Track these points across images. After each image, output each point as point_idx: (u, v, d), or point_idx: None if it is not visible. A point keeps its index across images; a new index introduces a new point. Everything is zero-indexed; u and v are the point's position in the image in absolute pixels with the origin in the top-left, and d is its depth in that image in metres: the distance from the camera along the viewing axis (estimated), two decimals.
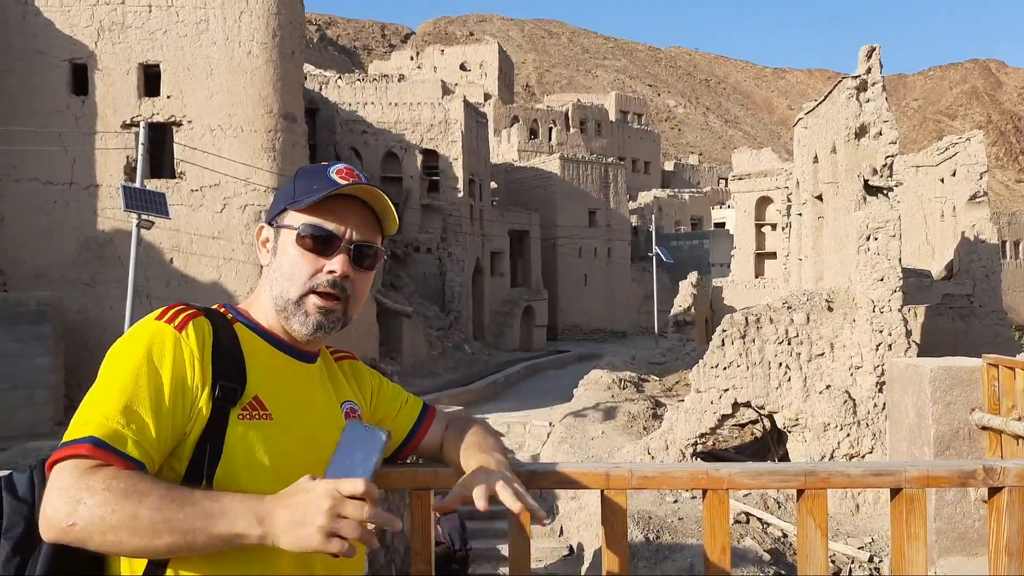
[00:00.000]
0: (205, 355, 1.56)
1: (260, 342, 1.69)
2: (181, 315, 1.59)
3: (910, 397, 5.64)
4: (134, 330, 1.57)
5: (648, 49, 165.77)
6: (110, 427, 1.42)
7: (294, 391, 1.70)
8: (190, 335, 1.56)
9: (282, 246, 1.70)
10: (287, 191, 1.72)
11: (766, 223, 32.65)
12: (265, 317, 1.73)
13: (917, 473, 2.03)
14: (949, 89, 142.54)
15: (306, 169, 1.75)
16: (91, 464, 1.38)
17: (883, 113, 13.38)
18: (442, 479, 2.11)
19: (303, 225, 1.67)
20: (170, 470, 1.52)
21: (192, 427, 1.52)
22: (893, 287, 12.48)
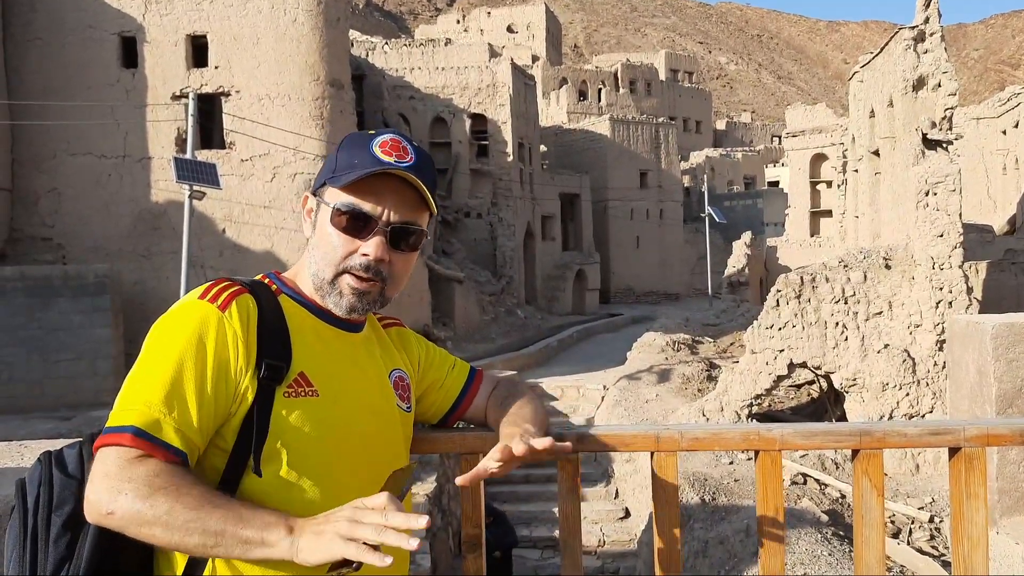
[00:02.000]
0: (250, 334, 1.54)
1: (305, 314, 1.66)
2: (225, 293, 1.56)
3: (971, 355, 5.49)
4: (177, 310, 1.54)
5: (698, 6, 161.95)
6: (152, 415, 1.42)
7: (340, 363, 1.68)
8: (233, 315, 1.53)
9: (320, 222, 1.65)
10: (331, 162, 1.66)
11: (821, 181, 31.88)
12: (309, 288, 1.69)
13: (976, 432, 1.97)
14: (1011, 38, 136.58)
15: (352, 138, 1.68)
16: (135, 454, 1.39)
17: (942, 64, 12.89)
18: (491, 443, 2.11)
19: (339, 204, 1.61)
20: (216, 449, 1.52)
21: (237, 407, 1.51)
22: (953, 243, 12.10)
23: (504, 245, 32.99)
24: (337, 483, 1.60)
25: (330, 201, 1.62)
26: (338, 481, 1.60)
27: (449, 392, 1.97)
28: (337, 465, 1.60)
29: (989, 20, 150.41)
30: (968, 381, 5.60)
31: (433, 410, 1.97)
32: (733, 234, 36.92)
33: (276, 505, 1.51)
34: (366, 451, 1.66)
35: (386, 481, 1.55)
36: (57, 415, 14.40)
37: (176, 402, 1.44)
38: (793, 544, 9.99)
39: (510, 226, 33.32)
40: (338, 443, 1.61)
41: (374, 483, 1.65)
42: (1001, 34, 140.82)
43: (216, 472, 1.52)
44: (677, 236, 45.96)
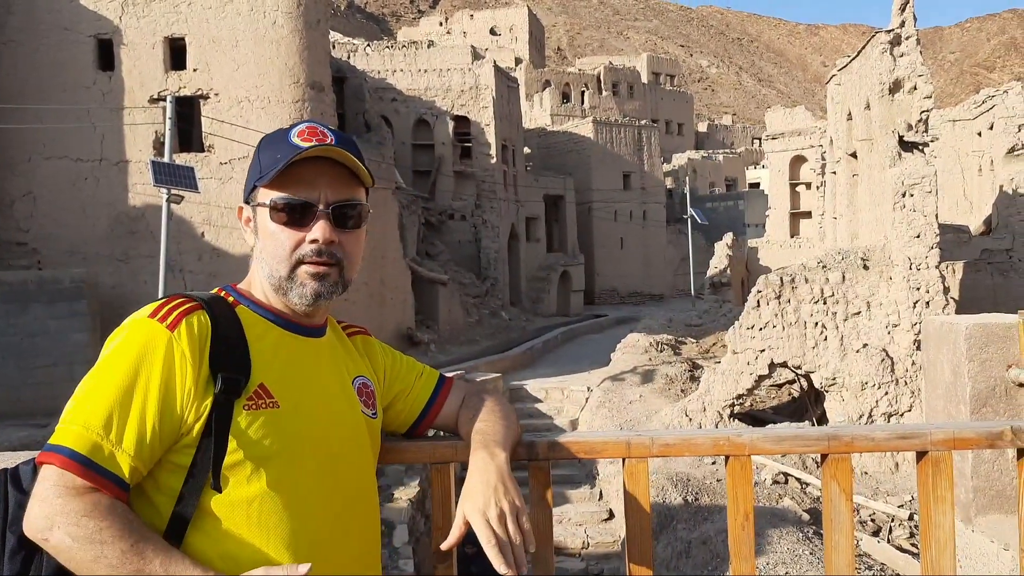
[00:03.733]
0: (204, 351, 1.51)
1: (265, 323, 1.65)
2: (176, 312, 1.53)
3: (945, 355, 5.54)
4: (127, 330, 1.52)
5: (679, 9, 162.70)
6: (90, 438, 1.41)
7: (302, 371, 1.65)
8: (182, 334, 1.50)
9: (261, 224, 1.64)
10: (255, 166, 1.65)
11: (800, 182, 32.11)
12: (265, 295, 1.68)
13: (943, 436, 1.98)
14: (986, 41, 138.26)
15: (268, 138, 1.68)
16: (71, 482, 1.39)
17: (917, 67, 13.02)
18: (462, 452, 2.10)
19: (273, 199, 1.60)
20: (173, 467, 1.50)
21: (191, 426, 1.49)
22: (930, 244, 12.23)
23: (488, 247, 32.97)
24: (301, 494, 1.57)
25: (264, 200, 1.62)
26: (302, 492, 1.57)
27: (417, 400, 1.95)
28: (301, 476, 1.57)
29: (965, 23, 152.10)
30: (943, 381, 5.66)
31: (401, 418, 1.94)
32: (715, 235, 37.10)
33: (239, 521, 1.50)
34: (331, 460, 1.63)
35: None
36: (33, 422, 14.23)
37: (116, 426, 1.43)
38: (775, 543, 10.03)
39: (494, 228, 33.31)
40: (301, 453, 1.58)
41: (339, 492, 1.64)
42: (976, 37, 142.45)
43: (172, 491, 1.49)
44: (660, 237, 46.15)
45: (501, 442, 1.82)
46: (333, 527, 1.61)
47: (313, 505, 1.58)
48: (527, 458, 2.02)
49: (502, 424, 1.88)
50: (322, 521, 1.60)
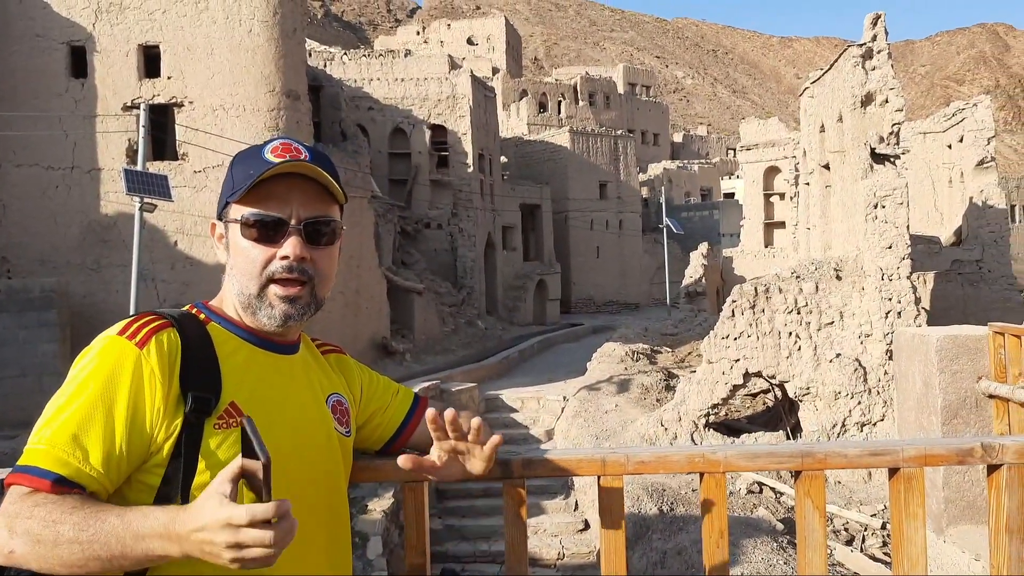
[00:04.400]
0: (174, 369, 1.50)
1: (237, 341, 1.63)
2: (145, 329, 1.52)
3: (917, 367, 5.60)
4: (96, 347, 1.51)
5: (655, 20, 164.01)
6: (56, 455, 1.40)
7: (274, 389, 1.64)
8: (152, 352, 1.49)
9: (233, 240, 1.63)
10: (228, 182, 1.64)
11: (774, 193, 32.42)
12: (237, 312, 1.66)
13: (914, 452, 2.00)
14: (956, 54, 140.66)
15: (242, 154, 1.67)
16: (29, 491, 1.37)
17: (889, 80, 13.21)
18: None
19: (245, 215, 1.59)
20: (142, 486, 1.49)
21: (160, 445, 1.48)
22: (901, 254, 12.38)
23: (464, 256, 32.93)
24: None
25: (236, 216, 1.61)
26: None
27: (393, 419, 1.94)
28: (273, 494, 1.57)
29: (935, 37, 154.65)
30: (915, 392, 5.72)
31: (377, 435, 1.94)
32: (690, 244, 37.33)
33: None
34: (303, 478, 1.62)
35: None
36: (1, 434, 14.00)
37: (82, 443, 1.41)
38: (749, 553, 10.07)
39: (470, 237, 33.28)
40: (277, 467, 1.56)
41: (311, 510, 1.62)
42: (947, 51, 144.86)
43: None
44: (636, 246, 46.35)
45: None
46: (305, 544, 1.59)
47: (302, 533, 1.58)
48: (501, 476, 2.02)
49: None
50: (309, 544, 1.60)
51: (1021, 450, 2.03)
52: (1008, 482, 2.01)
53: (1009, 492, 2.01)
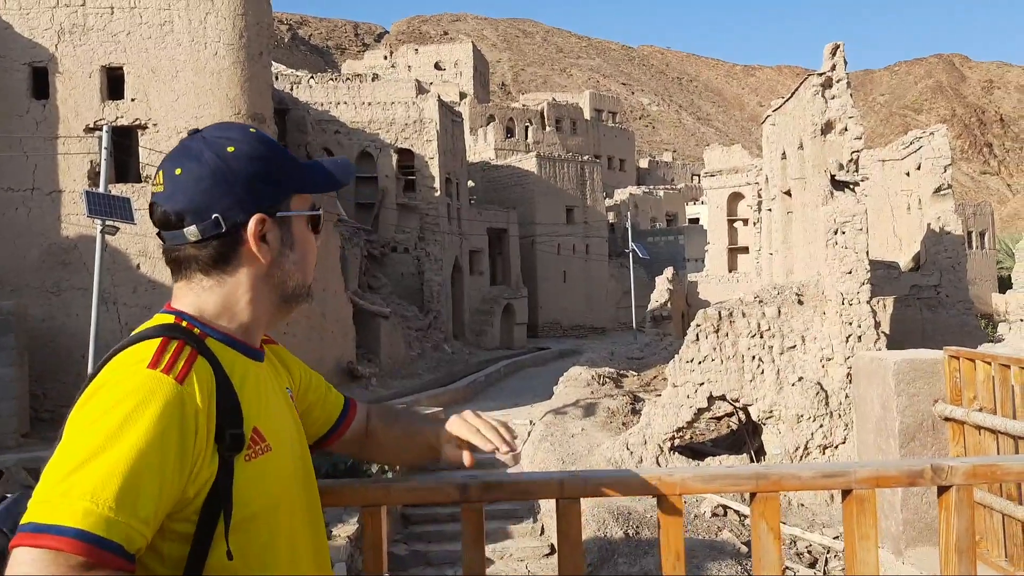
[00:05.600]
0: (212, 405, 1.37)
1: (235, 355, 1.50)
2: (180, 360, 1.35)
3: (875, 390, 5.69)
4: (128, 383, 1.30)
5: (621, 48, 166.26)
6: (100, 514, 1.17)
7: (270, 401, 1.56)
8: (194, 387, 1.34)
9: (298, 235, 1.57)
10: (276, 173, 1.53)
11: (738, 218, 32.88)
12: (236, 323, 1.53)
13: (867, 474, 2.03)
14: (914, 84, 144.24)
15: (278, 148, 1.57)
16: (68, 563, 1.15)
17: (848, 109, 13.51)
18: (394, 495, 2.09)
19: (313, 206, 1.61)
20: (174, 536, 1.35)
21: (200, 489, 1.35)
22: (861, 280, 12.60)
23: (431, 280, 32.88)
24: (296, 538, 1.53)
25: (303, 208, 1.58)
26: (297, 536, 1.54)
27: (331, 413, 1.90)
28: (298, 517, 1.54)
29: (894, 67, 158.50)
30: (873, 415, 5.80)
31: (313, 430, 1.87)
32: (656, 269, 37.62)
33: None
34: (306, 489, 1.61)
35: None
36: None
37: (132, 499, 1.21)
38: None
39: (437, 260, 33.26)
40: (293, 494, 1.54)
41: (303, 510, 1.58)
42: (905, 80, 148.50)
43: (175, 561, 1.35)
44: (603, 271, 46.62)
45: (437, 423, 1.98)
46: (297, 546, 1.55)
47: (304, 546, 1.57)
48: (460, 500, 2.02)
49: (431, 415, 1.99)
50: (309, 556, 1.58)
51: (969, 472, 2.08)
52: (957, 503, 2.06)
53: (958, 513, 2.05)
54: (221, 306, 1.51)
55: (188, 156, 1.48)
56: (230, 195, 1.46)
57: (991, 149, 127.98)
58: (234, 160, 1.47)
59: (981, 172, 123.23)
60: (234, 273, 1.50)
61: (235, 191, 1.47)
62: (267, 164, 1.51)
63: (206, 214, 1.45)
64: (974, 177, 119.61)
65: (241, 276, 1.51)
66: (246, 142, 1.50)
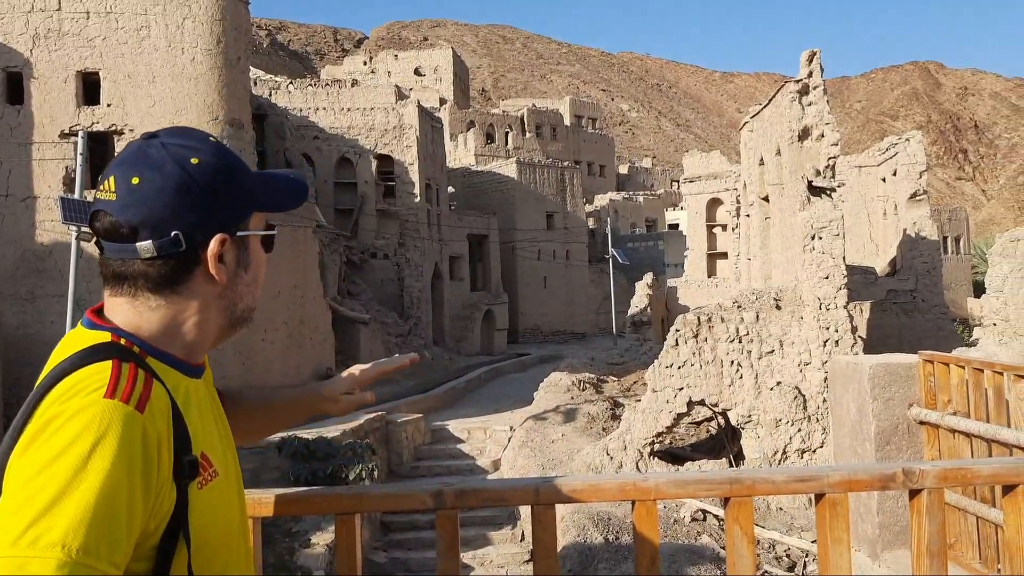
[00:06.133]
0: (170, 433, 1.28)
1: (176, 375, 1.40)
2: (137, 385, 1.25)
3: (851, 394, 5.73)
4: (81, 414, 1.18)
5: (600, 54, 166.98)
6: (75, 563, 1.08)
7: (211, 421, 1.48)
8: (155, 414, 1.26)
9: (254, 255, 1.49)
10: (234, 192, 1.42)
11: (717, 224, 33.06)
12: (178, 343, 1.42)
13: (839, 478, 2.05)
14: (890, 91, 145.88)
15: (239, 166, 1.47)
16: None
17: (824, 116, 13.64)
18: (367, 503, 2.08)
19: (268, 225, 1.52)
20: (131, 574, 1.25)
21: (158, 521, 1.26)
22: (838, 285, 12.70)
23: (411, 286, 32.79)
24: (241, 562, 1.49)
25: (259, 227, 1.50)
26: (242, 559, 1.50)
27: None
28: (244, 541, 1.51)
29: (870, 74, 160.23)
30: (849, 419, 5.84)
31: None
32: (636, 275, 37.73)
33: None
34: (244, 510, 1.56)
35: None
36: None
37: (105, 543, 1.12)
38: None
39: (417, 267, 33.19)
40: (240, 518, 1.49)
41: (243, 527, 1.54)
42: (881, 87, 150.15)
43: None
44: (583, 276, 46.73)
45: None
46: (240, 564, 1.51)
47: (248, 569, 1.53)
48: (434, 507, 2.01)
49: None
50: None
51: (940, 475, 2.10)
52: (928, 506, 2.07)
53: (929, 516, 2.07)
54: (165, 327, 1.39)
55: (147, 164, 1.35)
56: (194, 212, 1.36)
57: (966, 155, 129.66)
58: (199, 173, 1.37)
59: (956, 178, 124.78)
60: (185, 293, 1.39)
61: (199, 207, 1.36)
62: (231, 179, 1.41)
63: (165, 230, 1.33)
64: (949, 183, 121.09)
65: (192, 297, 1.40)
66: (209, 153, 1.40)
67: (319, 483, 13.94)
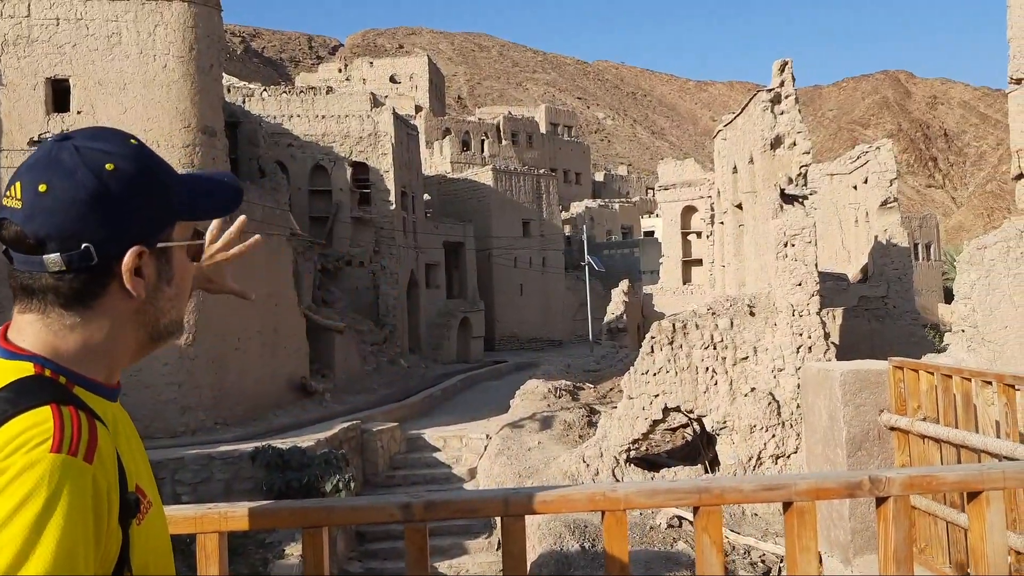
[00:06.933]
0: (116, 477, 1.22)
1: (103, 403, 1.30)
2: (83, 434, 1.16)
3: (823, 400, 5.78)
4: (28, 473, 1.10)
5: (576, 63, 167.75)
6: None
7: (136, 448, 1.38)
8: (103, 462, 1.18)
9: (178, 267, 1.37)
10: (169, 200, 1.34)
11: (692, 231, 33.25)
12: (99, 366, 1.32)
13: (806, 486, 2.06)
14: (862, 99, 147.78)
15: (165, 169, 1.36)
16: None
17: (796, 124, 13.78)
18: (337, 516, 2.06)
19: (195, 235, 1.42)
20: None
21: (107, 567, 1.20)
22: (811, 291, 12.82)
23: (387, 293, 32.66)
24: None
25: (185, 237, 1.38)
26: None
27: None
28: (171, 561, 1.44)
29: (842, 83, 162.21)
30: (821, 425, 5.89)
31: None
32: (612, 282, 37.88)
33: None
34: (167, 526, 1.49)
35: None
36: None
37: None
38: None
39: (393, 274, 33.08)
40: (169, 549, 1.43)
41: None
42: (853, 96, 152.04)
43: None
44: (559, 284, 46.83)
45: None
46: None
47: None
48: (403, 520, 1.99)
49: None
50: None
51: (906, 483, 2.11)
52: (895, 513, 2.09)
53: (896, 523, 2.08)
54: (82, 349, 1.28)
55: (57, 170, 1.24)
56: (107, 223, 1.25)
57: (936, 163, 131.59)
58: (114, 181, 1.26)
59: (926, 185, 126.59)
60: (99, 310, 1.28)
61: (113, 218, 1.25)
62: (151, 186, 1.30)
63: (74, 243, 1.22)
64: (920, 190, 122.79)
65: (107, 313, 1.29)
66: (128, 158, 1.29)
67: (294, 493, 13.81)
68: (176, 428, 17.89)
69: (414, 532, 1.99)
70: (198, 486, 14.41)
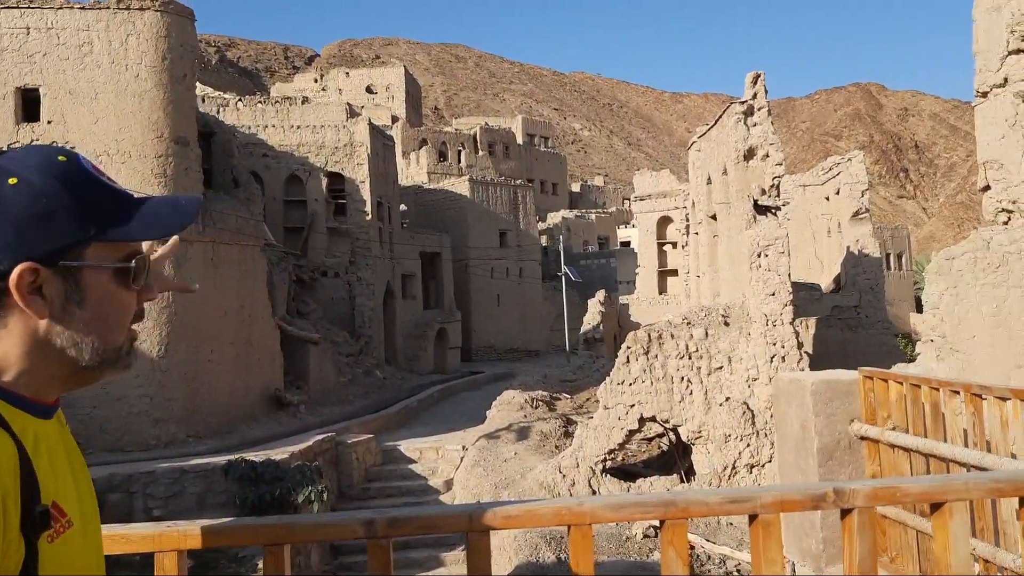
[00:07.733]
0: (17, 485, 1.19)
1: (23, 416, 1.28)
2: None
3: (794, 410, 5.80)
4: None
5: (553, 74, 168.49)
6: None
7: (63, 466, 1.35)
8: (3, 469, 1.17)
9: (94, 290, 1.30)
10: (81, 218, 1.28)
11: (667, 242, 33.45)
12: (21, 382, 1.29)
13: (771, 499, 2.05)
14: (834, 112, 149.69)
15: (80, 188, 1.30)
16: None
17: (769, 136, 13.91)
18: (299, 533, 2.03)
19: (125, 258, 1.33)
20: None
21: None
22: (784, 301, 12.91)
23: (363, 304, 32.51)
24: None
25: (107, 260, 1.32)
26: None
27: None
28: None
29: (814, 95, 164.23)
30: (793, 435, 5.91)
31: None
32: (589, 292, 38.00)
33: None
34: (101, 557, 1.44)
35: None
36: None
37: None
38: None
39: (369, 285, 32.93)
40: (98, 566, 1.39)
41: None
42: (825, 108, 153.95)
43: None
44: (536, 294, 46.87)
45: None
46: None
47: None
48: (366, 536, 1.97)
49: None
50: None
51: (871, 494, 2.12)
52: (859, 525, 2.09)
53: (860, 535, 2.09)
54: (3, 361, 1.27)
55: None
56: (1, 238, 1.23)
57: (907, 174, 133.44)
58: (13, 195, 1.23)
59: (898, 196, 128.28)
60: (10, 326, 1.26)
61: (6, 233, 1.23)
62: (56, 203, 1.26)
63: None
64: (891, 201, 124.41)
65: (17, 331, 1.27)
66: (40, 173, 1.26)
67: (267, 506, 13.66)
68: (148, 441, 17.66)
69: (377, 549, 1.97)
70: (170, 500, 14.22)
